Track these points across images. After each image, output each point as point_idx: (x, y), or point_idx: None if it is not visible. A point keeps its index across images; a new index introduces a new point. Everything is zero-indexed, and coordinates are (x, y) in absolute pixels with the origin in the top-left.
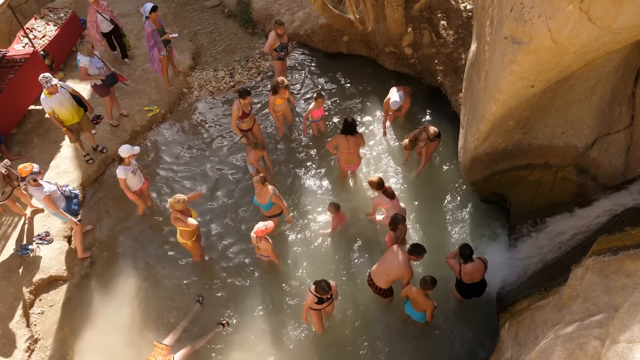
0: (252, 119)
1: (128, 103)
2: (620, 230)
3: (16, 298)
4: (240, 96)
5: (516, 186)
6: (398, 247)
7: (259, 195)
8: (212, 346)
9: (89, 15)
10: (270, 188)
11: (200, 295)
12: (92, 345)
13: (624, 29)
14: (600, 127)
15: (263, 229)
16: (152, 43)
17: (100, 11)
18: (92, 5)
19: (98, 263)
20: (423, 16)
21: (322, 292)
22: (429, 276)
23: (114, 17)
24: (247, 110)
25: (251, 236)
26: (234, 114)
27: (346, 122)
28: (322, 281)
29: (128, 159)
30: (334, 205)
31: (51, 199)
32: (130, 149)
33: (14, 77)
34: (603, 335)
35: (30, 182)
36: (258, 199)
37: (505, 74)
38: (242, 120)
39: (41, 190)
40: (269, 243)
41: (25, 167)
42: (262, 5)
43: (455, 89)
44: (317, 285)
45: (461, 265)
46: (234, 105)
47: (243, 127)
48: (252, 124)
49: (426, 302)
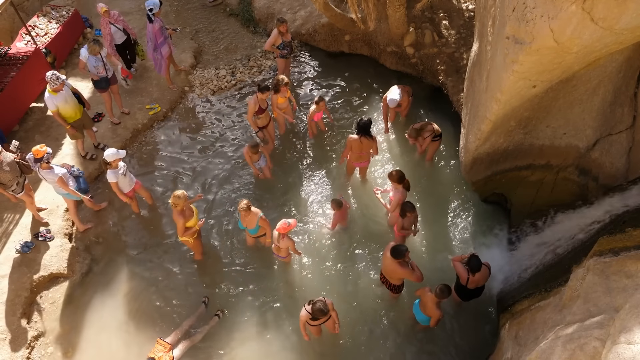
0: (268, 116)
1: (129, 101)
2: (621, 231)
3: (17, 295)
4: (260, 90)
5: (517, 186)
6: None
7: (245, 220)
8: (213, 343)
9: (102, 28)
10: (255, 212)
11: (206, 296)
12: (93, 342)
13: (626, 29)
14: (602, 127)
15: (286, 226)
16: (162, 40)
17: (112, 22)
18: (103, 17)
19: (99, 260)
20: (425, 16)
21: (319, 314)
22: (446, 286)
23: (126, 26)
24: (263, 106)
25: (273, 235)
26: (251, 108)
27: (361, 123)
28: (319, 302)
29: (115, 162)
30: (336, 201)
31: (64, 180)
32: (116, 153)
33: (16, 74)
34: (604, 336)
35: (42, 165)
36: (244, 223)
37: (507, 74)
38: (258, 116)
39: (53, 173)
40: (291, 241)
41: (42, 146)
42: (264, 4)
43: (456, 88)
44: (314, 305)
45: (469, 275)
46: (251, 100)
47: (259, 124)
48: (268, 122)
49: (435, 310)
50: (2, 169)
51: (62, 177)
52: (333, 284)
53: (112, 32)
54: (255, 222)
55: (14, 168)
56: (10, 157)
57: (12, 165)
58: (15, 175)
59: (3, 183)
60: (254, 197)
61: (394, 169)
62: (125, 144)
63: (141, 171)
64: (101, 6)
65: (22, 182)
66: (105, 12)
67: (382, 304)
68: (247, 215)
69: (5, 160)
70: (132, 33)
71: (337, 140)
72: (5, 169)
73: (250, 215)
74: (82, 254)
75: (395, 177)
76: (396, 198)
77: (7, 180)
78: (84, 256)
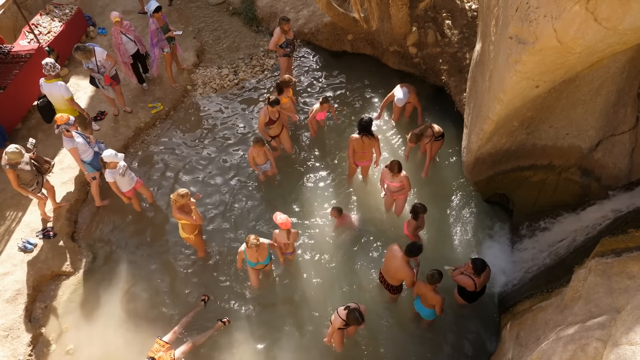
0: (280, 125)
1: (132, 100)
2: (623, 232)
3: (19, 292)
4: (269, 104)
5: (519, 187)
6: (398, 248)
7: (255, 255)
8: (214, 344)
9: (113, 38)
10: (264, 243)
11: (205, 294)
12: (94, 339)
13: (630, 29)
14: (605, 128)
15: (286, 220)
16: (155, 41)
17: (124, 32)
18: (115, 26)
19: (100, 258)
20: (428, 15)
21: (354, 322)
22: (436, 270)
23: (137, 37)
24: (274, 118)
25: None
26: (261, 120)
27: (362, 122)
28: (356, 311)
29: (113, 162)
30: (336, 209)
31: (77, 152)
32: (114, 156)
33: (19, 72)
34: (605, 337)
35: (64, 132)
36: (255, 259)
37: (510, 74)
38: (269, 127)
39: (72, 142)
40: (295, 231)
41: (62, 116)
42: (267, 3)
43: (459, 88)
44: (350, 313)
45: (475, 279)
46: (261, 112)
47: (271, 134)
48: (280, 131)
49: (435, 296)
50: (22, 168)
51: (76, 148)
52: (336, 283)
53: (124, 42)
54: (267, 253)
55: (32, 167)
56: (28, 156)
57: (30, 164)
58: (34, 175)
59: (25, 182)
60: (257, 196)
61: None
62: (127, 143)
63: (142, 169)
64: (115, 15)
65: (41, 182)
66: (117, 21)
67: (383, 304)
68: (259, 248)
69: (25, 160)
70: (142, 46)
71: (338, 140)
72: (26, 169)
73: (262, 248)
74: (84, 252)
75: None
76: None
77: (28, 179)
78: (85, 254)
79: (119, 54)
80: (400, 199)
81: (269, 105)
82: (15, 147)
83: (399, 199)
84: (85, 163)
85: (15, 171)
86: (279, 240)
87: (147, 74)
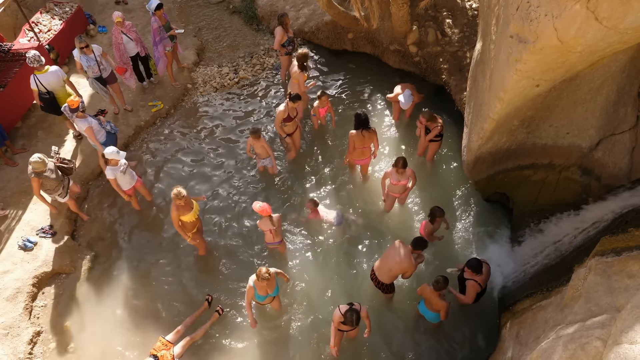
0: (295, 124)
1: (132, 98)
2: (623, 231)
3: (20, 291)
4: (291, 99)
5: (519, 186)
6: (400, 243)
7: (263, 288)
8: (214, 344)
9: (114, 37)
10: (272, 272)
11: (209, 294)
12: (95, 338)
13: (631, 28)
14: (605, 127)
15: (267, 207)
16: (158, 39)
17: (125, 32)
18: (116, 26)
19: (101, 257)
20: (428, 14)
21: (348, 322)
22: (441, 276)
23: (138, 38)
24: (292, 115)
25: (258, 223)
26: (279, 115)
27: (360, 117)
28: (354, 312)
29: (115, 159)
30: (312, 201)
31: (92, 131)
32: (116, 154)
33: (19, 70)
34: (605, 336)
35: (78, 114)
36: (266, 290)
37: (511, 72)
38: (285, 124)
39: (86, 121)
40: (277, 215)
41: (73, 99)
42: (267, 2)
43: (459, 87)
44: (347, 312)
45: (477, 278)
46: (280, 106)
47: (286, 131)
48: (294, 129)
49: (440, 302)
50: (47, 176)
51: (91, 127)
52: (334, 281)
53: (124, 42)
54: (275, 283)
55: (57, 173)
56: (52, 163)
57: (55, 171)
58: (60, 180)
59: (50, 189)
60: (257, 194)
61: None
62: (127, 141)
63: (143, 168)
64: (116, 15)
65: (67, 185)
66: (119, 22)
67: (383, 305)
68: (270, 280)
69: (50, 167)
70: (143, 48)
71: (339, 137)
72: (51, 177)
73: (272, 279)
74: (84, 250)
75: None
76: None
77: (53, 186)
78: (86, 253)
79: (118, 54)
80: (404, 195)
81: (290, 101)
82: (38, 157)
83: (402, 195)
84: (103, 143)
85: (40, 179)
86: (265, 229)
87: (152, 79)
